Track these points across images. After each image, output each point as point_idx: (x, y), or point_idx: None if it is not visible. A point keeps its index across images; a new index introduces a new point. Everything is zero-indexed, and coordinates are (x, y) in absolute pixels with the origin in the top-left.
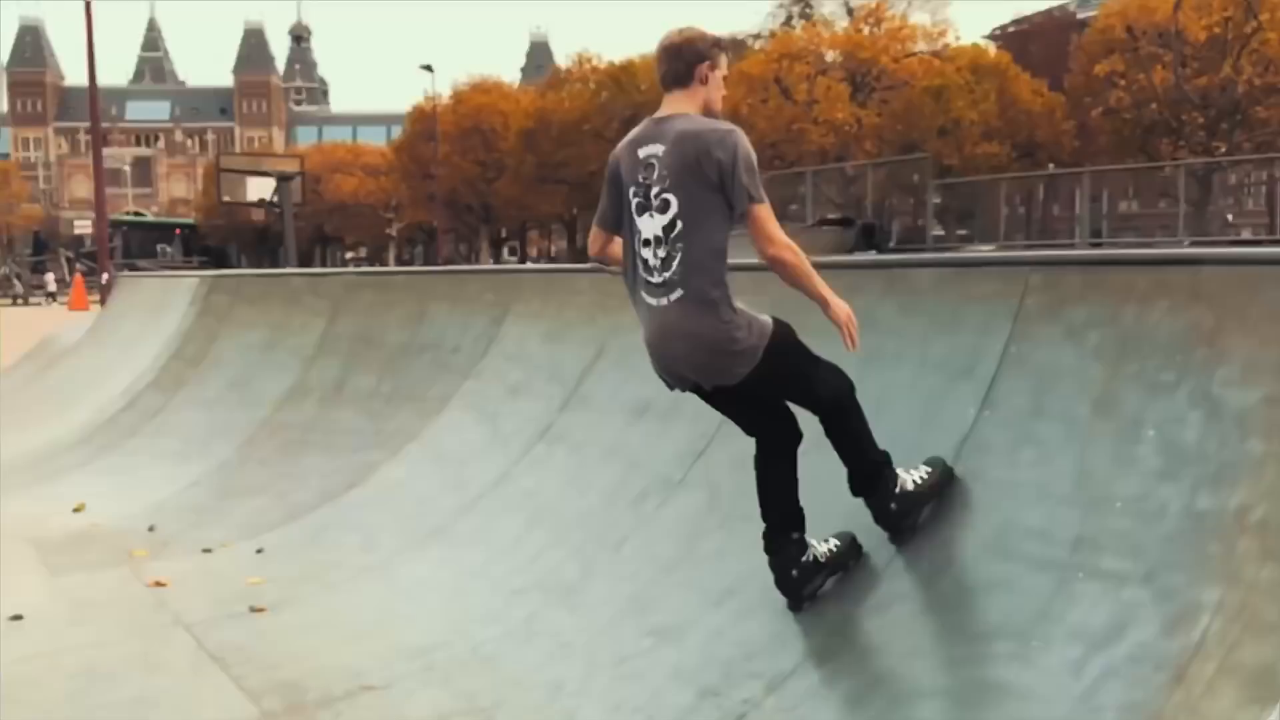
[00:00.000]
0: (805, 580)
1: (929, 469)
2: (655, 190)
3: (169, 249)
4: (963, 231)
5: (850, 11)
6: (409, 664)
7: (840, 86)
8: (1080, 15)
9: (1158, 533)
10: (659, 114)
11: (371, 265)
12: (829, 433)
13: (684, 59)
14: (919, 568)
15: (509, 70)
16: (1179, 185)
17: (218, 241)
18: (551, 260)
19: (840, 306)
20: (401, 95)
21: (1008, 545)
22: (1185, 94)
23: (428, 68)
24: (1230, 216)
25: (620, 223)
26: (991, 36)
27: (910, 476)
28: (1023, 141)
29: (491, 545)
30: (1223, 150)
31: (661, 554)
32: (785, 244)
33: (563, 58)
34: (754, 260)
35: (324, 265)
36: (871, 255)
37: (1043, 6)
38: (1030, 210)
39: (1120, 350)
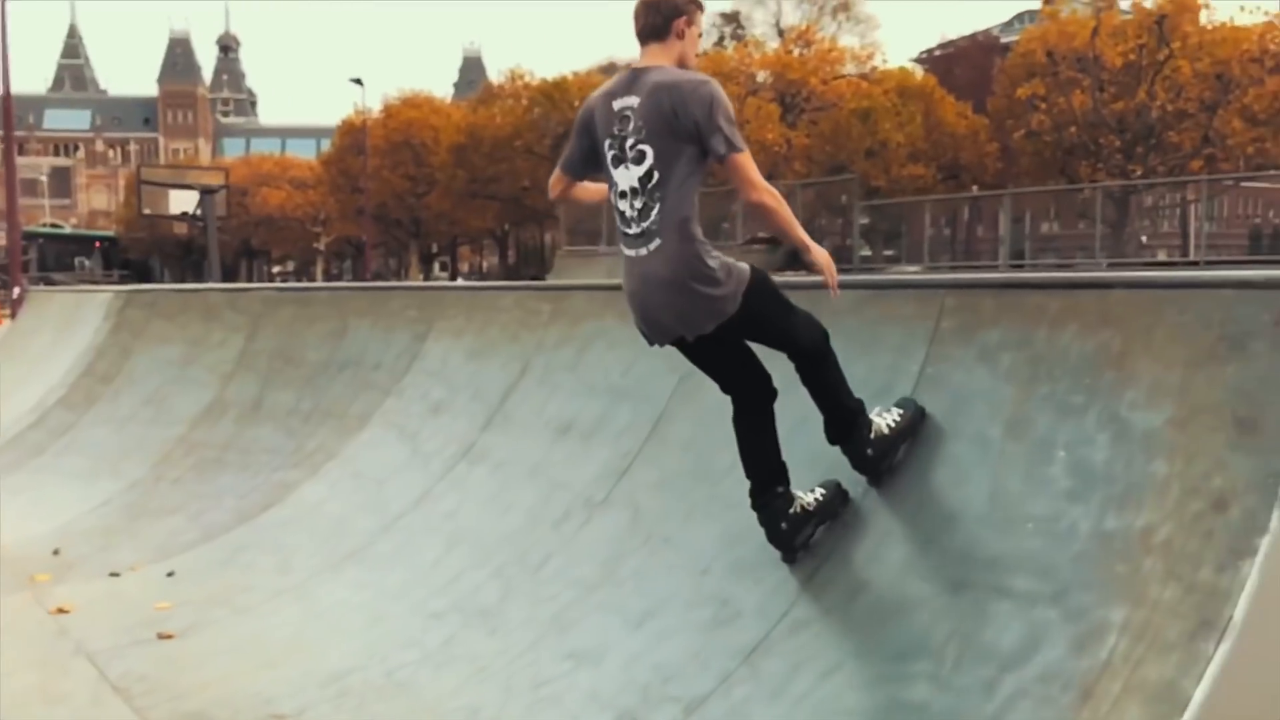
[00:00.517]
0: (795, 531)
1: (901, 410)
2: (630, 142)
3: (88, 262)
4: (890, 252)
5: (781, 33)
6: (322, 690)
7: (770, 107)
8: (1003, 39)
9: (1067, 553)
10: (635, 66)
11: (299, 279)
12: (806, 380)
13: (661, 13)
14: (837, 588)
15: (442, 85)
16: (1096, 207)
17: (140, 255)
18: (483, 276)
19: (821, 252)
20: (332, 108)
21: (925, 565)
22: (1103, 118)
23: (357, 81)
24: (1145, 238)
25: (582, 169)
26: (918, 59)
27: (884, 420)
28: (948, 163)
29: (411, 567)
30: (1138, 173)
31: (582, 575)
32: (767, 189)
33: (496, 73)
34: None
35: (250, 279)
36: (801, 275)
37: (967, 30)
38: (955, 231)
39: (1032, 372)
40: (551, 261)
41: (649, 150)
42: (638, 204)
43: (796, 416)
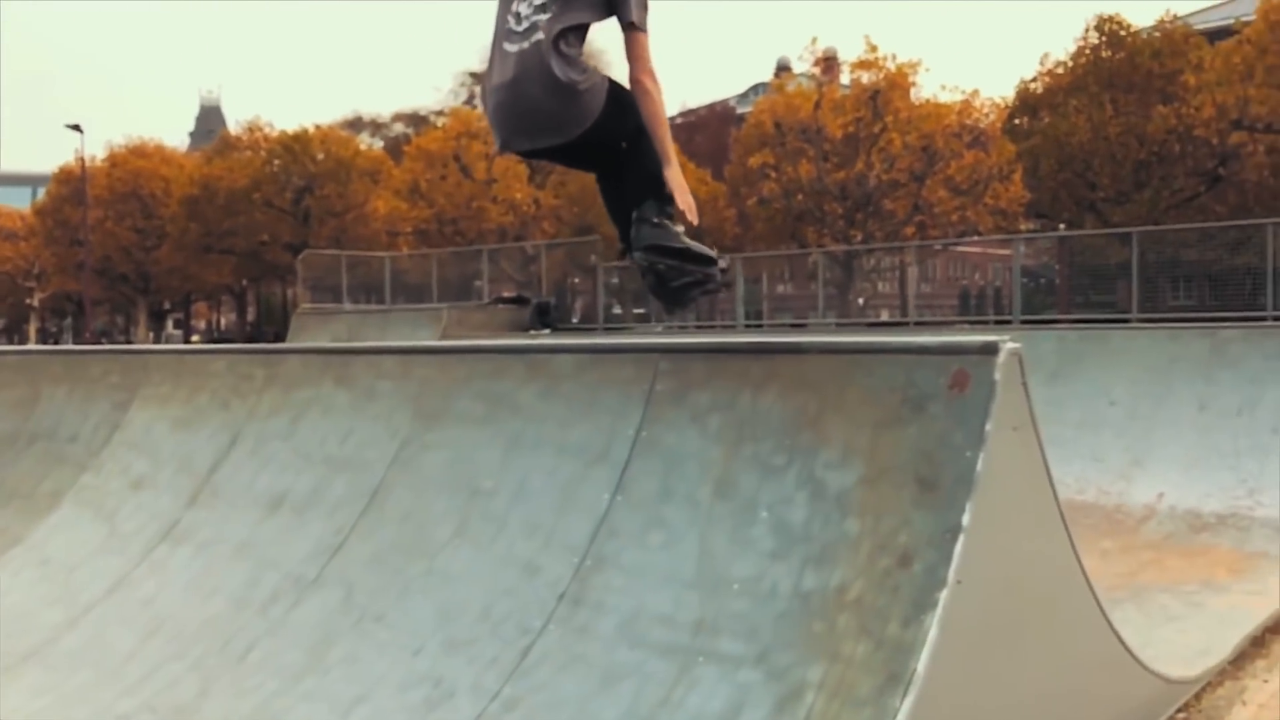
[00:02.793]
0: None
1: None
2: None
3: None
4: (640, 310)
5: None
6: None
7: (519, 167)
8: (739, 110)
9: (770, 613)
10: None
11: (10, 339)
12: (633, 160)
13: None
14: (549, 662)
15: (177, 133)
16: (820, 270)
17: None
18: (222, 333)
19: (680, 179)
20: (50, 155)
21: (636, 631)
22: (826, 186)
23: (75, 127)
24: (862, 300)
25: None
26: None
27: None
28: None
29: (100, 664)
30: (859, 239)
31: (289, 662)
32: (655, 77)
33: (235, 123)
34: None
35: None
36: (546, 334)
37: (707, 100)
38: None
39: (738, 434)
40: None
41: None
42: (537, 2)
43: None
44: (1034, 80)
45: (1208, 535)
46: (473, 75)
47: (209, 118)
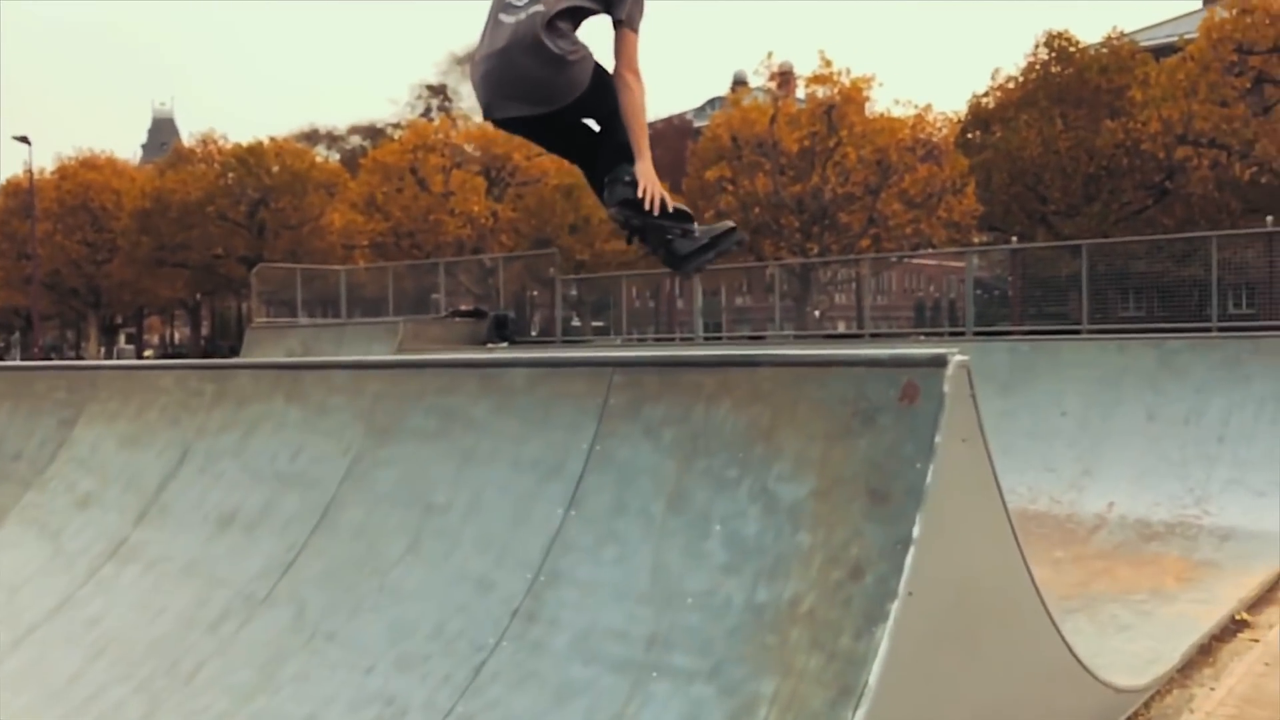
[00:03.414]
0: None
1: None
2: None
3: None
4: (598, 323)
5: None
6: None
7: (477, 180)
8: (696, 124)
9: (723, 627)
10: None
11: None
12: (608, 137)
13: None
14: (503, 679)
15: (129, 146)
16: (776, 283)
17: None
18: (175, 348)
19: (650, 169)
20: None
21: (590, 647)
22: (783, 199)
23: (23, 139)
24: (818, 312)
25: None
26: None
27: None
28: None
29: (43, 687)
30: (815, 251)
31: (239, 681)
32: (638, 76)
33: (189, 135)
34: None
35: None
36: (504, 347)
37: (664, 113)
38: (658, 304)
39: (691, 447)
40: None
41: None
42: None
43: None
44: (986, 95)
45: (1157, 544)
46: (429, 88)
47: (162, 130)
